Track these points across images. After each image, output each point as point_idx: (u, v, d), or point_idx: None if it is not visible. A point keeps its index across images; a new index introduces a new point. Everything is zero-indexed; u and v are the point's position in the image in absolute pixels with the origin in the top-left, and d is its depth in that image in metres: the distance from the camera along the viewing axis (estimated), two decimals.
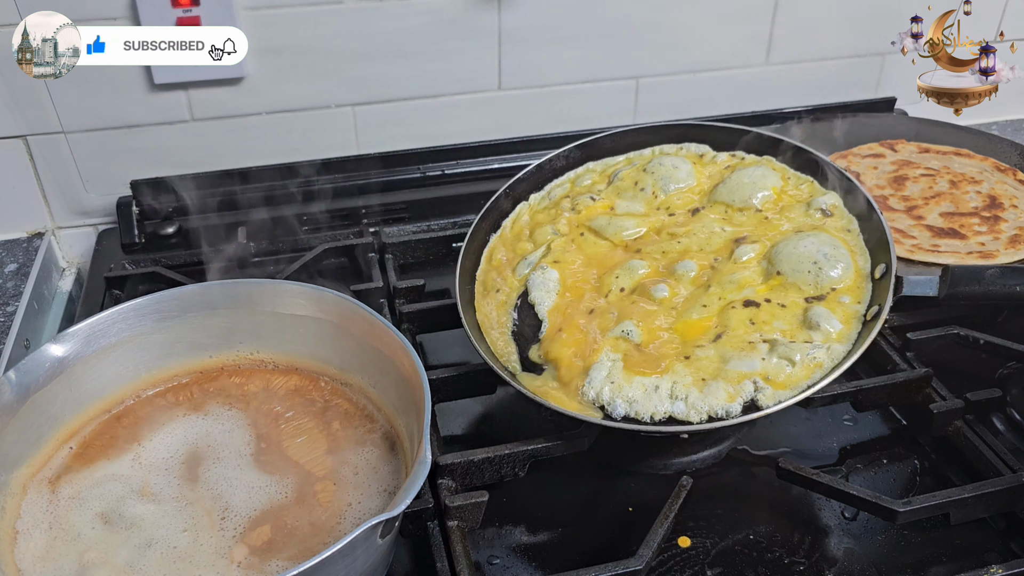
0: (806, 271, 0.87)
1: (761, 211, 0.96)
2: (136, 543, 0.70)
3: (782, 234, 0.92)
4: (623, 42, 1.33)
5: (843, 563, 0.79)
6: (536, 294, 0.94)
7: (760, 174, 0.99)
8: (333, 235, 1.20)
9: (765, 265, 0.90)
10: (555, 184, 1.07)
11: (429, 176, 1.29)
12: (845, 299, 0.86)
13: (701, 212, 0.99)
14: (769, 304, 0.86)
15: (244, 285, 0.87)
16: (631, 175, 1.03)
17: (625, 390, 0.82)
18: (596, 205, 1.02)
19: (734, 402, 0.80)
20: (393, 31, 1.23)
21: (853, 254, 0.89)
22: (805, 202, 0.96)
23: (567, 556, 0.80)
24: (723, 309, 0.87)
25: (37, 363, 0.77)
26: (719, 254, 0.93)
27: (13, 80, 1.13)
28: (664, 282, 0.91)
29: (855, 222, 0.93)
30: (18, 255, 1.21)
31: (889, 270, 0.85)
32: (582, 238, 0.99)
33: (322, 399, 0.84)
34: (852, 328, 0.84)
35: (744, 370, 0.81)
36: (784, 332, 0.84)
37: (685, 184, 1.01)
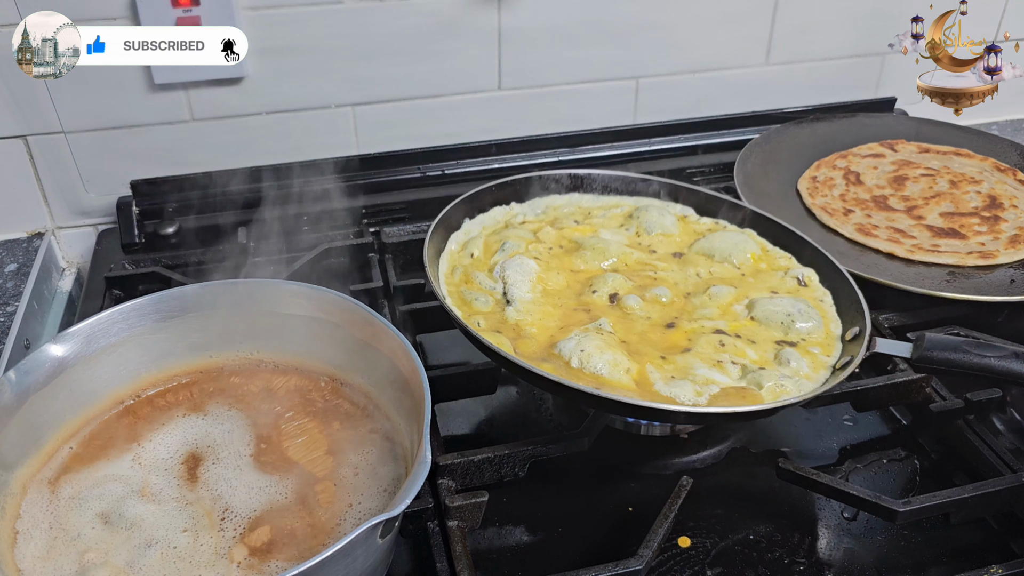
0: (779, 322, 0.89)
1: (739, 269, 0.98)
2: (136, 543, 0.70)
3: (758, 291, 0.94)
4: (623, 42, 1.33)
5: (843, 563, 0.79)
6: (511, 274, 0.92)
7: (740, 239, 1.01)
8: (333, 235, 1.20)
9: (739, 309, 0.91)
10: (543, 201, 1.08)
11: (429, 176, 1.29)
12: (815, 350, 0.87)
13: (683, 257, 1.00)
14: (740, 339, 0.87)
15: (244, 285, 0.87)
16: (614, 218, 1.06)
17: (594, 359, 0.81)
18: (579, 228, 1.03)
19: (701, 397, 0.79)
20: (393, 31, 1.23)
21: (825, 318, 0.91)
22: (782, 270, 0.98)
23: (567, 556, 0.80)
24: (694, 330, 0.88)
25: (37, 363, 0.77)
26: (694, 291, 0.94)
27: (13, 80, 1.13)
28: (637, 296, 0.92)
29: (828, 295, 0.94)
30: (18, 255, 1.21)
31: (863, 332, 0.86)
32: (561, 250, 0.99)
33: (322, 399, 0.84)
34: (820, 374, 0.84)
35: (712, 378, 0.81)
36: (754, 361, 0.84)
37: (669, 232, 1.03)
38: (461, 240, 1.00)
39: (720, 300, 0.92)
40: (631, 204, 1.08)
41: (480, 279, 0.93)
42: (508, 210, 1.06)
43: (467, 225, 1.02)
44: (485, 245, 0.99)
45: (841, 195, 1.23)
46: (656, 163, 1.37)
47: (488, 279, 0.93)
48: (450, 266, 0.96)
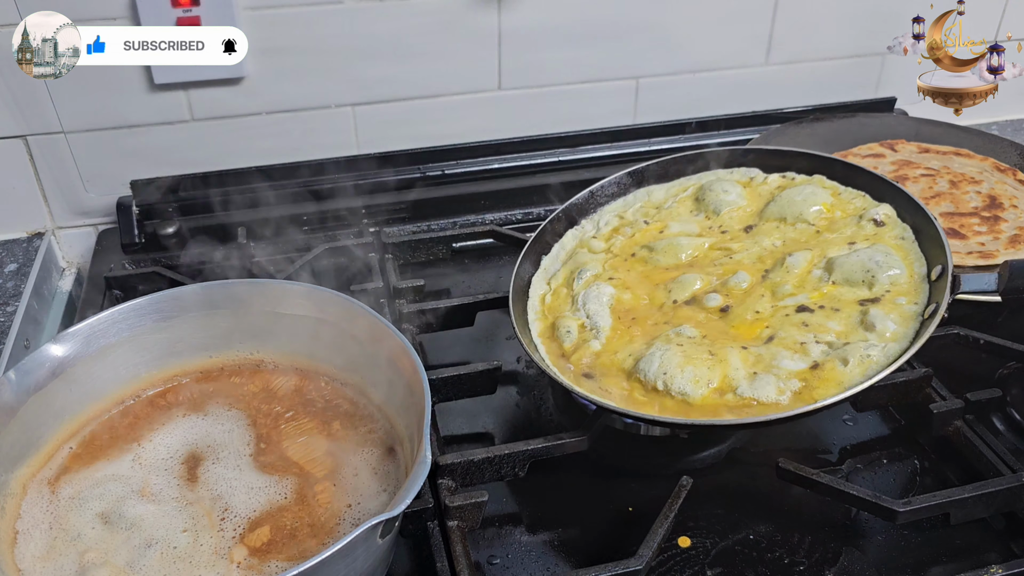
0: (860, 280, 0.87)
1: (813, 225, 0.96)
2: (136, 543, 0.70)
3: (834, 246, 0.92)
4: (623, 42, 1.33)
5: (843, 563, 0.79)
6: (592, 307, 0.92)
7: (810, 191, 0.98)
8: (333, 235, 1.20)
9: (818, 274, 0.89)
10: (608, 209, 1.06)
11: (429, 176, 1.29)
12: (901, 300, 0.85)
13: (754, 228, 0.98)
14: (823, 309, 0.86)
15: (244, 285, 0.87)
16: (683, 202, 1.04)
17: (677, 380, 0.81)
18: (649, 228, 1.02)
19: (783, 395, 0.79)
20: (393, 31, 1.23)
21: (907, 260, 0.88)
22: (857, 215, 0.95)
23: (567, 556, 0.80)
24: (775, 314, 0.87)
25: (37, 363, 0.77)
26: (772, 267, 0.92)
27: (13, 80, 1.13)
28: (716, 292, 0.91)
29: (908, 230, 0.92)
30: (18, 255, 1.21)
31: (945, 271, 0.84)
32: (635, 259, 0.98)
33: (322, 399, 0.84)
34: (909, 327, 0.82)
35: (794, 368, 0.80)
36: (839, 334, 0.83)
37: (736, 205, 1.01)
38: (545, 279, 1.00)
39: (798, 270, 0.90)
40: (695, 183, 1.05)
41: (566, 314, 0.93)
42: (580, 230, 1.05)
43: (545, 263, 1.01)
44: (565, 276, 0.98)
45: None
46: None
47: (571, 312, 0.93)
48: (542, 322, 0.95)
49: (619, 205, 1.06)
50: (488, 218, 1.27)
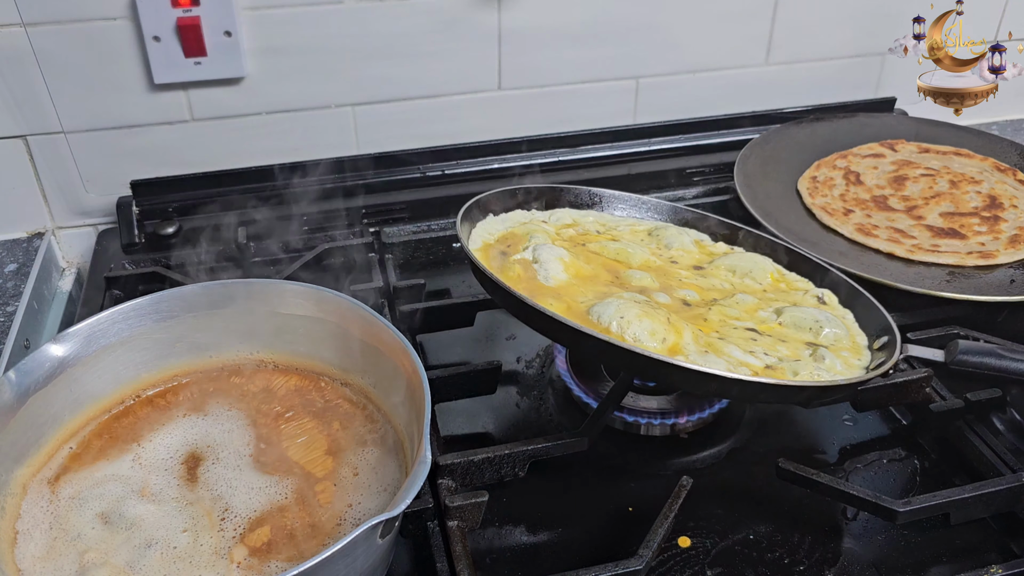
0: (808, 327, 0.87)
1: (760, 285, 0.97)
2: (136, 543, 0.70)
3: (781, 304, 0.92)
4: (623, 42, 1.33)
5: (843, 563, 0.79)
6: (542, 254, 0.91)
7: (760, 259, 1.00)
8: (333, 235, 1.20)
9: (766, 315, 0.90)
10: (563, 212, 1.06)
11: (429, 176, 1.29)
12: (845, 354, 0.85)
13: (704, 270, 0.99)
14: (771, 338, 0.85)
15: (244, 285, 0.87)
16: (637, 232, 1.04)
17: (633, 326, 0.80)
18: (601, 237, 1.02)
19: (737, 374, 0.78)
20: (393, 31, 1.23)
21: (851, 331, 0.90)
22: (801, 291, 0.97)
23: (567, 556, 0.80)
24: (724, 324, 0.86)
25: (37, 363, 0.77)
26: (720, 298, 0.92)
27: (13, 80, 1.13)
28: (666, 294, 0.90)
29: (850, 314, 0.93)
30: (18, 255, 1.21)
31: (893, 340, 0.85)
32: (585, 248, 0.98)
33: (322, 399, 0.84)
34: (855, 373, 0.83)
35: (745, 361, 0.80)
36: (787, 355, 0.83)
37: (687, 250, 1.02)
38: (487, 229, 0.98)
39: (746, 306, 0.90)
40: (649, 225, 1.07)
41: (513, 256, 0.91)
42: (530, 215, 1.04)
43: (489, 220, 1.00)
44: (512, 235, 0.97)
45: (841, 195, 1.23)
46: (656, 163, 1.37)
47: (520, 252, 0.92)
48: (483, 244, 0.94)
49: (575, 212, 1.06)
50: None
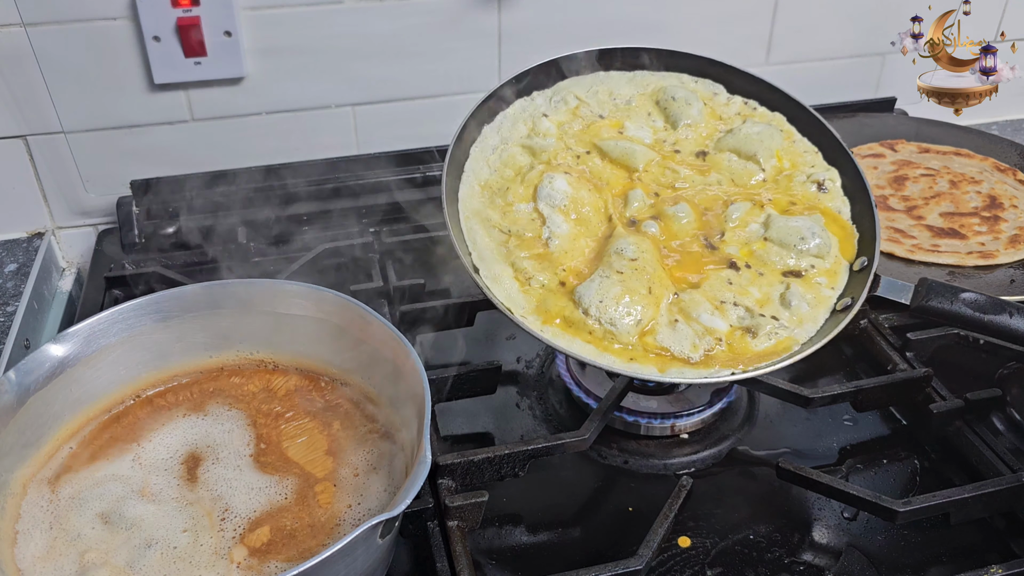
0: (792, 244, 0.88)
1: (763, 171, 0.95)
2: (136, 543, 0.70)
3: (777, 203, 0.92)
4: (623, 42, 1.32)
5: (843, 563, 0.79)
6: (545, 208, 0.90)
7: (767, 132, 0.97)
8: (333, 235, 1.20)
9: (755, 228, 0.90)
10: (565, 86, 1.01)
11: (429, 176, 1.29)
12: (821, 280, 0.86)
13: (707, 156, 0.97)
14: (749, 269, 0.87)
15: (244, 285, 0.87)
16: (643, 101, 1.01)
17: (610, 311, 0.82)
18: (604, 122, 0.99)
19: (696, 352, 0.81)
20: (393, 31, 1.23)
21: (840, 238, 0.89)
22: (804, 173, 0.95)
23: (567, 556, 0.80)
24: (705, 264, 0.88)
25: (37, 363, 0.77)
26: (712, 206, 0.92)
27: (13, 80, 1.13)
28: (655, 220, 0.90)
29: (847, 204, 0.93)
30: (18, 255, 1.21)
31: (870, 264, 0.86)
32: (588, 156, 0.96)
33: (322, 399, 0.84)
34: (820, 312, 0.85)
35: (711, 326, 0.83)
36: (757, 301, 0.85)
37: (695, 122, 0.99)
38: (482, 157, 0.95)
39: (737, 217, 0.90)
40: (658, 83, 1.01)
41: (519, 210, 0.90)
42: (530, 102, 0.99)
43: (486, 132, 0.96)
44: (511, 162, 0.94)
45: None
46: None
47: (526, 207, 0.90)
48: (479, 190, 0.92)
49: (579, 86, 1.01)
50: None
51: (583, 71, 1.02)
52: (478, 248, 0.87)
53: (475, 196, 0.91)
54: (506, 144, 0.95)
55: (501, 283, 0.84)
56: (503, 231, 0.89)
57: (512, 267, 0.86)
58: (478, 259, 0.86)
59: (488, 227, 0.89)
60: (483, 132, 0.96)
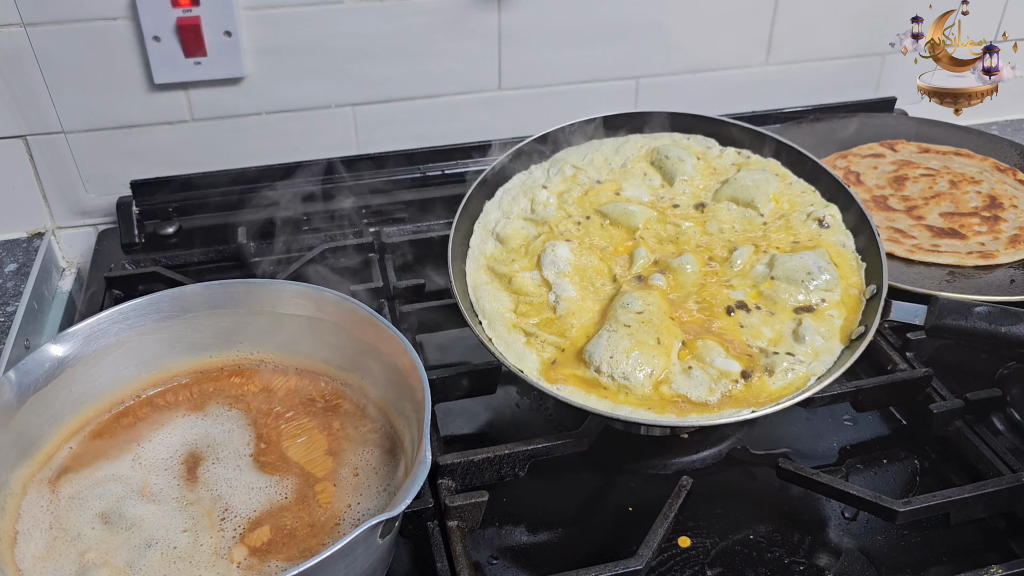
0: (799, 280, 0.89)
1: (762, 216, 0.97)
2: (136, 543, 0.70)
3: (780, 243, 0.93)
4: (623, 42, 1.33)
5: (843, 563, 0.79)
6: (550, 275, 0.92)
7: (763, 178, 1.00)
8: (333, 235, 1.20)
9: (761, 269, 0.91)
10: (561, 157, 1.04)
11: (429, 176, 1.29)
12: (833, 313, 0.87)
13: (706, 208, 0.99)
14: (760, 311, 0.87)
15: (244, 285, 0.87)
16: (637, 163, 1.03)
17: (621, 365, 0.82)
18: (603, 187, 1.01)
19: (713, 395, 0.81)
20: (393, 31, 1.23)
21: (845, 271, 0.90)
22: (804, 212, 0.96)
23: (567, 556, 0.80)
24: (715, 307, 0.88)
25: (37, 363, 0.77)
26: (716, 254, 0.94)
27: (13, 80, 1.13)
28: (662, 273, 0.92)
29: (851, 237, 0.94)
30: (18, 255, 1.21)
31: (879, 292, 0.86)
32: (588, 221, 0.98)
33: (322, 399, 0.84)
34: (835, 344, 0.85)
35: (727, 369, 0.83)
36: (770, 340, 0.85)
37: (690, 177, 1.01)
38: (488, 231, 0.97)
39: (741, 263, 0.91)
40: (650, 144, 1.04)
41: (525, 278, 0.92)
42: (528, 175, 1.02)
43: (488, 208, 0.99)
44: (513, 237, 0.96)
45: None
46: None
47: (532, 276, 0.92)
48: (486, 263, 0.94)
49: (574, 154, 1.04)
50: None
51: (576, 140, 1.06)
52: (487, 316, 0.89)
53: (481, 270, 0.94)
54: (508, 219, 0.98)
55: (513, 348, 0.86)
56: (511, 299, 0.91)
57: (523, 332, 0.87)
58: (488, 326, 0.88)
59: (496, 297, 0.91)
60: (484, 208, 0.99)
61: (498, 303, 0.90)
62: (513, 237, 0.96)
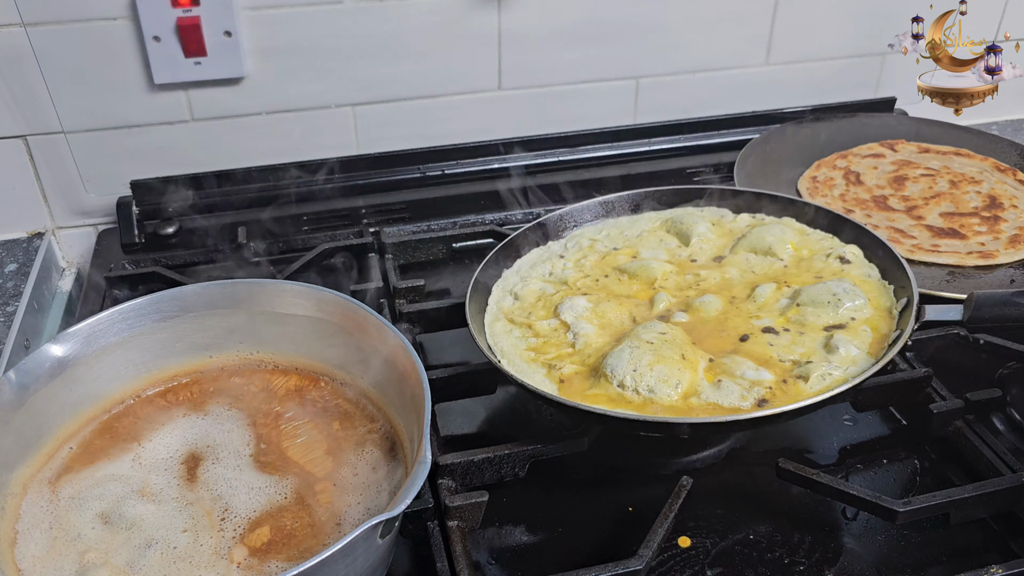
0: (826, 301, 0.88)
1: (782, 260, 0.97)
2: (136, 543, 0.70)
3: (802, 280, 0.93)
4: (623, 42, 1.33)
5: (843, 563, 0.79)
6: (568, 317, 0.92)
7: (779, 230, 1.00)
8: (333, 235, 1.20)
9: (785, 302, 0.90)
10: (577, 234, 1.07)
11: (429, 176, 1.29)
12: (865, 329, 0.86)
13: (724, 260, 0.99)
14: (788, 332, 0.86)
15: (244, 285, 0.87)
16: (653, 232, 1.05)
17: (646, 377, 0.80)
18: (619, 252, 1.03)
19: (745, 401, 0.79)
20: (393, 31, 1.23)
21: (874, 293, 0.90)
22: (824, 253, 0.97)
23: (567, 556, 0.80)
24: (741, 334, 0.87)
25: (37, 363, 0.77)
26: (739, 295, 0.93)
27: (13, 80, 1.13)
28: (684, 312, 0.91)
29: (875, 269, 0.94)
30: (18, 255, 1.21)
31: (911, 302, 0.85)
32: (607, 279, 0.98)
33: (322, 399, 0.84)
34: (873, 351, 0.83)
35: (759, 378, 0.81)
36: (803, 355, 0.84)
37: (705, 238, 1.03)
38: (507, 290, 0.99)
39: (764, 298, 0.91)
40: (665, 216, 1.07)
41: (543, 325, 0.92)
42: (546, 251, 1.05)
43: (506, 274, 1.01)
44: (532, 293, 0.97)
45: (841, 195, 1.23)
46: (656, 163, 1.37)
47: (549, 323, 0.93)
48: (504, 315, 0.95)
49: (588, 230, 1.07)
50: (488, 218, 1.27)
51: (591, 219, 1.08)
52: (507, 355, 0.89)
53: (499, 321, 0.94)
54: (526, 281, 0.99)
55: (532, 378, 0.84)
56: (529, 339, 0.90)
57: (542, 364, 0.87)
58: (508, 364, 0.87)
59: (514, 337, 0.91)
60: (503, 274, 1.01)
61: (516, 342, 0.90)
62: (531, 294, 0.97)
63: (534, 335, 0.91)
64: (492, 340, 0.91)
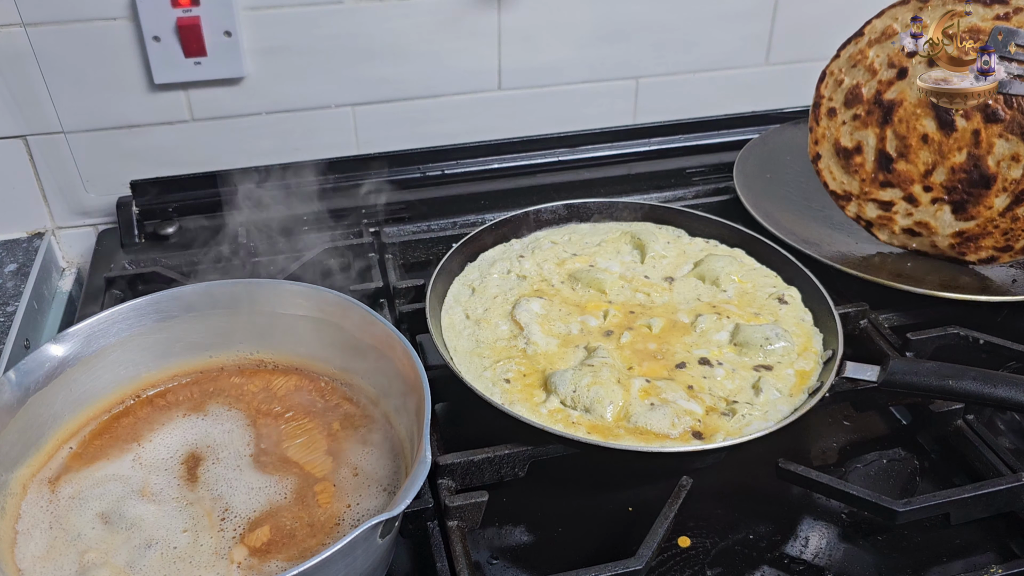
0: (758, 346, 0.92)
1: (726, 292, 1.01)
2: (136, 543, 0.70)
3: (742, 316, 0.97)
4: (623, 42, 1.33)
5: (843, 563, 0.79)
6: (522, 315, 0.96)
7: (727, 261, 1.05)
8: (333, 235, 1.20)
9: (723, 336, 0.94)
10: (541, 235, 1.12)
11: (429, 176, 1.29)
12: (789, 371, 0.90)
13: (674, 283, 1.04)
14: (722, 366, 0.90)
15: (244, 285, 0.87)
16: (612, 243, 1.09)
17: (583, 398, 0.84)
18: (577, 259, 1.06)
19: (676, 429, 0.82)
20: (393, 31, 1.23)
21: (803, 340, 0.94)
22: (766, 292, 1.01)
23: (567, 556, 0.80)
24: (678, 361, 0.91)
25: (37, 363, 0.77)
26: (679, 320, 0.97)
27: (13, 80, 1.13)
28: (630, 330, 0.95)
29: (809, 314, 0.98)
30: (18, 255, 1.21)
31: (835, 355, 0.89)
32: (562, 284, 1.03)
33: (322, 399, 0.84)
34: (796, 398, 0.87)
35: (689, 408, 0.84)
36: (731, 391, 0.87)
37: (661, 255, 1.07)
38: (467, 284, 1.03)
39: (705, 329, 0.95)
40: (626, 229, 1.11)
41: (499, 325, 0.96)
42: (508, 247, 1.09)
43: (468, 268, 1.05)
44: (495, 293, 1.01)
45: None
46: (656, 163, 1.37)
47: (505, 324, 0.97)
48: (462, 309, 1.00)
49: (554, 234, 1.11)
50: (488, 218, 1.27)
51: (556, 222, 1.13)
52: (458, 354, 0.92)
53: (457, 314, 0.98)
54: (485, 278, 1.03)
55: (482, 383, 0.88)
56: (481, 342, 0.94)
57: (491, 370, 0.90)
58: (459, 363, 0.90)
59: (469, 338, 0.94)
60: (465, 269, 1.05)
61: (469, 343, 0.94)
62: (489, 289, 1.01)
63: (489, 334, 0.95)
64: (447, 337, 0.95)
